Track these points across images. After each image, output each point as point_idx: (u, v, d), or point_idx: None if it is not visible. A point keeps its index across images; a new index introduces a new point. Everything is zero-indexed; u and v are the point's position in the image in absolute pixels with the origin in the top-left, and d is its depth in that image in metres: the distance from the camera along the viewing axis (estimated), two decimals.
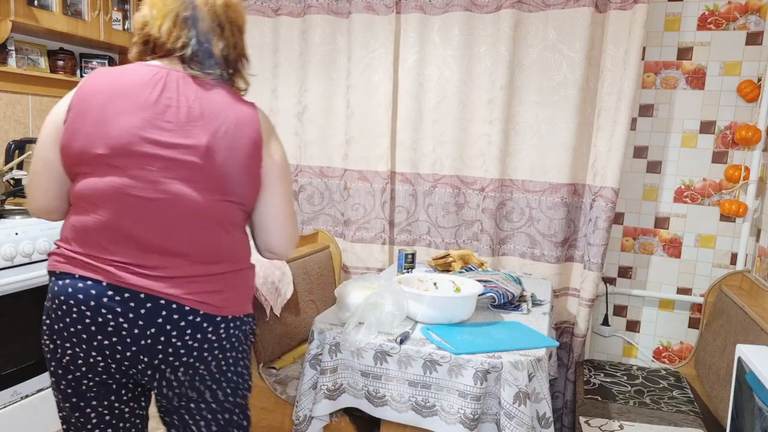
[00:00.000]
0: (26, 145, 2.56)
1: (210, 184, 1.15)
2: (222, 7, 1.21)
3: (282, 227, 1.25)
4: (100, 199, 1.13)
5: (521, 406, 1.41)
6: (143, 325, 1.13)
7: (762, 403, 1.24)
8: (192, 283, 1.15)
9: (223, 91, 1.20)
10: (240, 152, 1.17)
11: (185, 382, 1.19)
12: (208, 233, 1.16)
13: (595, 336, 2.66)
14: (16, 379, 2.00)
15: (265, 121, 1.25)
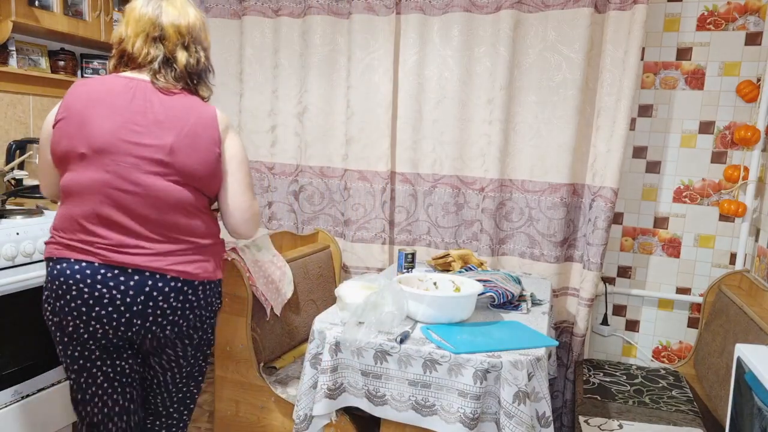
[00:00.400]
0: (27, 145, 2.56)
1: (175, 176, 1.39)
2: (186, 28, 1.44)
3: (241, 210, 1.49)
4: (84, 191, 1.37)
5: (521, 405, 1.41)
6: (134, 295, 1.38)
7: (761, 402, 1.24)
8: (170, 256, 1.41)
9: (186, 98, 1.44)
10: (201, 148, 1.41)
11: (170, 336, 1.47)
12: (177, 216, 1.41)
13: (594, 335, 2.66)
14: (16, 379, 2.00)
15: (223, 121, 1.48)
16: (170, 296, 1.41)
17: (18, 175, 2.38)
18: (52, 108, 2.75)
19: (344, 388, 1.58)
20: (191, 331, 1.50)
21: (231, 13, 2.83)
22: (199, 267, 1.45)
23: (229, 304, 1.97)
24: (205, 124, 1.41)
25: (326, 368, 1.57)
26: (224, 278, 1.96)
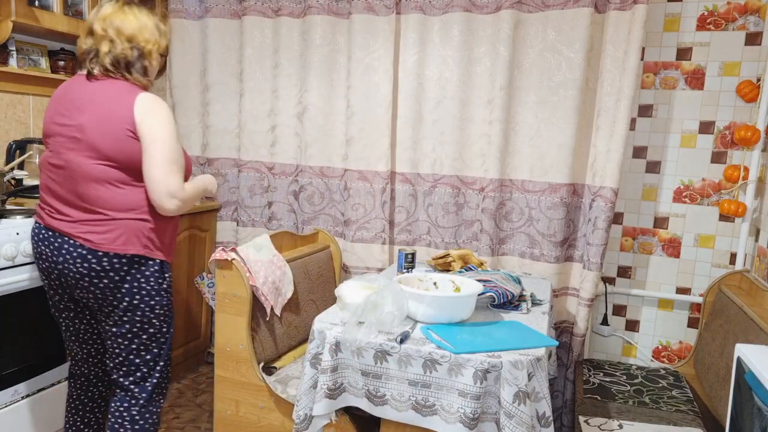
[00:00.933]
0: (27, 145, 2.56)
1: (87, 151, 1.58)
2: (108, 22, 1.63)
3: (155, 183, 1.57)
4: (42, 167, 1.68)
5: (521, 405, 1.41)
6: (57, 255, 1.62)
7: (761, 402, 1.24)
8: (82, 225, 1.61)
9: (111, 84, 1.61)
10: (111, 127, 1.57)
11: (90, 300, 1.65)
12: (90, 188, 1.59)
13: (594, 335, 2.66)
14: (16, 379, 2.00)
15: (144, 104, 1.59)
16: (77, 261, 1.60)
17: (18, 175, 2.38)
18: None
19: (344, 388, 1.58)
20: (108, 300, 1.64)
21: (231, 13, 2.83)
22: (103, 238, 1.60)
23: (229, 304, 1.97)
24: (120, 106, 1.57)
25: (326, 368, 1.57)
26: (224, 278, 1.96)
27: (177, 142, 1.62)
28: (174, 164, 1.59)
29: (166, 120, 1.60)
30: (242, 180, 2.89)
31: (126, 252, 1.61)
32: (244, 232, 2.91)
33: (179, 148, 1.63)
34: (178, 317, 2.78)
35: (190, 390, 2.75)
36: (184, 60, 2.93)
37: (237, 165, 2.94)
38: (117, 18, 1.63)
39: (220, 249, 1.97)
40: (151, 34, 1.67)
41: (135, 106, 1.58)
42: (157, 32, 1.69)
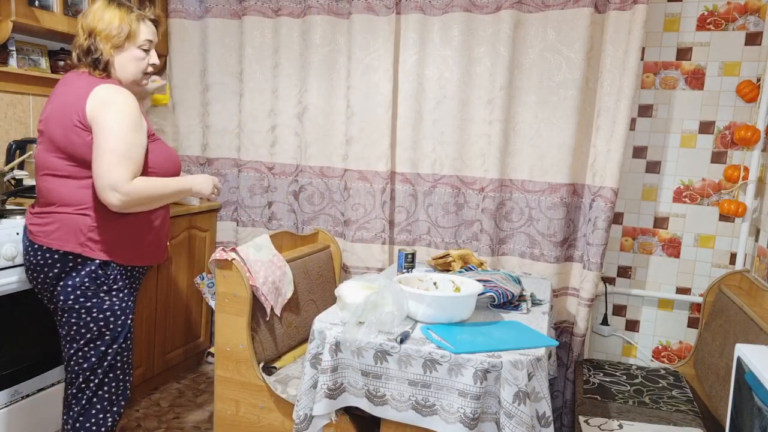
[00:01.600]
0: (27, 145, 2.56)
1: (46, 143, 1.61)
2: (81, 19, 1.66)
3: (96, 177, 1.55)
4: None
5: (521, 405, 1.41)
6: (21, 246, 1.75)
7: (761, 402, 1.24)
8: (33, 216, 1.66)
9: (76, 77, 1.64)
10: (65, 119, 1.57)
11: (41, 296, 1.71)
12: (45, 180, 1.62)
13: (594, 335, 2.66)
14: (16, 379, 2.00)
15: (97, 96, 1.58)
16: (24, 252, 1.68)
17: (18, 175, 2.38)
18: None
19: (344, 388, 1.58)
20: (47, 298, 1.68)
21: (231, 13, 2.83)
22: (40, 230, 1.62)
23: (229, 304, 1.97)
24: (76, 98, 1.57)
25: (326, 368, 1.57)
26: (224, 278, 1.96)
27: (131, 133, 1.56)
28: (121, 156, 1.54)
29: (121, 111, 1.56)
30: (242, 180, 2.89)
31: (59, 248, 1.60)
32: (244, 232, 2.91)
33: (132, 140, 1.56)
34: (178, 317, 2.78)
35: (190, 390, 2.75)
36: (184, 60, 2.93)
37: (237, 165, 2.94)
38: (90, 13, 1.66)
39: (220, 249, 1.97)
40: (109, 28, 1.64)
41: (88, 98, 1.57)
42: (119, 27, 1.64)
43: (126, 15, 1.67)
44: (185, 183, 1.73)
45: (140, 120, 1.62)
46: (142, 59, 1.71)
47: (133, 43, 1.68)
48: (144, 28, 1.70)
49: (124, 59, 1.68)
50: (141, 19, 1.70)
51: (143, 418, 2.49)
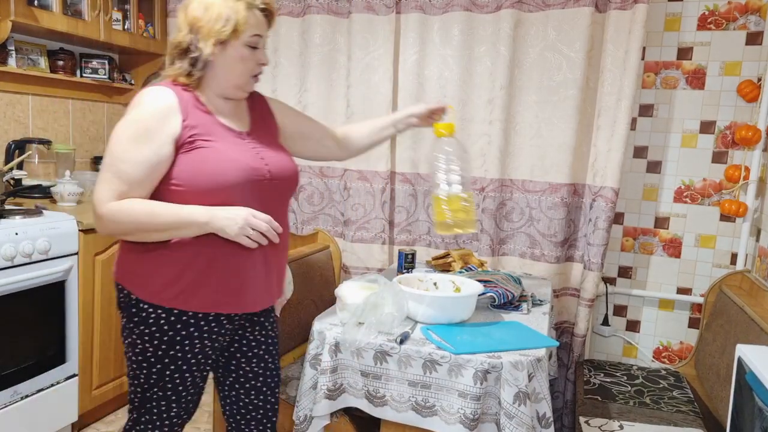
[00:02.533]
0: (26, 145, 2.56)
1: None
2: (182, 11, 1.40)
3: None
4: None
5: (521, 406, 1.41)
6: None
7: (762, 403, 1.24)
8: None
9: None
10: None
11: None
12: None
13: (595, 336, 2.66)
14: (16, 379, 2.00)
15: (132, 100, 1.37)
16: None
17: (17, 175, 2.38)
18: (51, 107, 2.77)
19: (344, 388, 1.57)
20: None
21: None
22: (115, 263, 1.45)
23: None
24: None
25: (326, 369, 1.57)
26: None
27: (127, 145, 1.29)
28: (106, 172, 1.30)
29: (129, 118, 1.33)
30: None
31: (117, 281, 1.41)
32: None
33: (124, 155, 1.29)
34: None
35: None
36: None
37: None
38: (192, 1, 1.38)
39: None
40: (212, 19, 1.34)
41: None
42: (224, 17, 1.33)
43: (233, 2, 1.34)
44: (195, 215, 1.30)
45: (150, 128, 1.31)
46: (249, 59, 1.38)
47: (238, 38, 1.35)
48: (252, 18, 1.36)
49: (227, 59, 1.36)
50: (250, 8, 1.35)
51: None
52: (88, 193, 2.67)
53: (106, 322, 2.38)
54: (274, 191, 1.43)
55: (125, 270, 1.40)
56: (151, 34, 2.94)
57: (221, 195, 1.32)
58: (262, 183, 1.39)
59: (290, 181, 1.49)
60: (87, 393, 2.32)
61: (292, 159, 1.53)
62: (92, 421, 2.45)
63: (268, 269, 1.44)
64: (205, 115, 1.39)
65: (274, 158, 1.45)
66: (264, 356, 1.56)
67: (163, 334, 1.37)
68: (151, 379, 1.41)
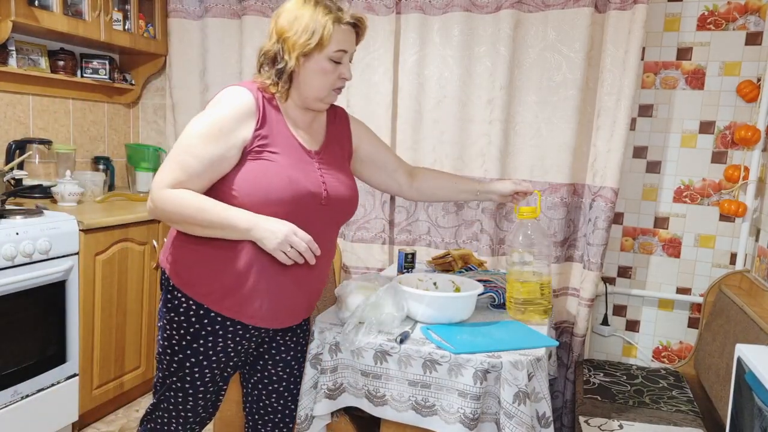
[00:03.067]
0: (26, 145, 2.56)
1: None
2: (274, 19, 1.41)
3: None
4: None
5: (521, 405, 1.41)
6: None
7: (761, 402, 1.24)
8: None
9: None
10: None
11: None
12: None
13: (594, 336, 2.66)
14: (16, 379, 2.00)
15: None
16: None
17: (18, 175, 2.38)
18: (51, 107, 2.77)
19: (344, 388, 1.58)
20: None
21: (231, 13, 2.82)
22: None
23: None
24: None
25: (326, 368, 1.57)
26: None
27: (197, 139, 1.32)
28: (172, 160, 1.33)
29: (206, 113, 1.35)
30: None
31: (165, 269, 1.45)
32: None
33: (191, 147, 1.32)
34: None
35: None
36: (184, 60, 2.93)
37: None
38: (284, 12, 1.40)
39: None
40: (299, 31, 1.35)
41: None
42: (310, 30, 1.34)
43: (321, 15, 1.33)
44: (239, 220, 1.30)
45: (223, 128, 1.32)
46: (331, 72, 1.38)
47: (322, 52, 1.35)
48: (338, 33, 1.35)
49: (308, 71, 1.36)
50: (338, 22, 1.35)
51: None
52: (89, 193, 2.67)
53: (107, 321, 2.38)
54: (326, 214, 1.43)
55: (170, 255, 1.43)
56: (151, 34, 2.95)
57: (270, 209, 1.33)
58: (316, 206, 1.40)
59: (346, 207, 1.49)
60: (87, 393, 2.32)
61: (354, 185, 1.52)
62: (92, 421, 2.45)
63: (299, 289, 1.44)
64: (280, 126, 1.39)
65: (336, 182, 1.45)
66: (291, 362, 1.59)
67: (190, 325, 1.40)
68: (172, 366, 1.44)
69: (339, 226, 1.53)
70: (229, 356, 1.46)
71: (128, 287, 2.47)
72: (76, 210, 2.36)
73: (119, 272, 2.41)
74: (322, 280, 1.52)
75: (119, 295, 2.43)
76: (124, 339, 2.48)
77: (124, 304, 2.46)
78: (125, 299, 2.46)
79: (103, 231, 2.31)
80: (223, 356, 1.45)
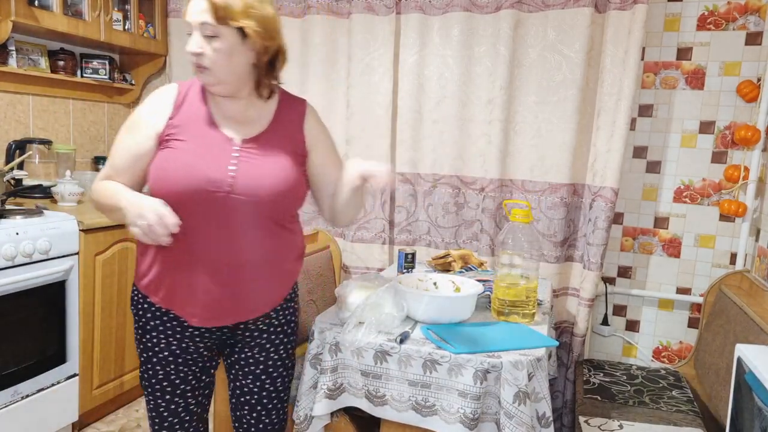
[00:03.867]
0: (26, 145, 2.56)
1: None
2: None
3: None
4: None
5: (521, 405, 1.41)
6: None
7: (761, 402, 1.24)
8: None
9: None
10: None
11: None
12: None
13: (594, 336, 2.66)
14: (16, 379, 2.00)
15: None
16: None
17: (18, 175, 2.38)
18: (51, 107, 2.77)
19: (344, 388, 1.58)
20: None
21: None
22: None
23: None
24: None
25: (326, 368, 1.57)
26: None
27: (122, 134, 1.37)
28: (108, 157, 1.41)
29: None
30: None
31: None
32: None
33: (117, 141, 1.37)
34: None
35: None
36: (184, 60, 2.93)
37: None
38: None
39: None
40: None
41: None
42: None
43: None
44: (120, 200, 1.26)
45: (139, 121, 1.34)
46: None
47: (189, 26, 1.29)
48: (192, 6, 1.27)
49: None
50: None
51: (143, 418, 2.49)
52: (89, 193, 2.67)
53: (107, 321, 2.38)
54: (240, 205, 1.30)
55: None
56: (151, 34, 2.95)
57: (172, 196, 1.26)
58: (216, 196, 1.29)
59: (271, 198, 1.33)
60: (87, 393, 2.32)
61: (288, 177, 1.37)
62: (92, 421, 2.45)
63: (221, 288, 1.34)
64: (200, 114, 1.35)
65: (256, 171, 1.32)
66: (260, 375, 1.48)
67: (139, 318, 1.43)
68: (142, 366, 1.46)
69: (273, 221, 1.37)
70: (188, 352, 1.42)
71: (128, 287, 2.47)
72: (76, 210, 2.37)
73: (119, 272, 2.41)
74: (255, 280, 1.37)
75: (119, 295, 2.43)
76: (124, 339, 2.48)
77: (124, 303, 2.46)
78: (125, 299, 2.46)
79: (103, 231, 2.31)
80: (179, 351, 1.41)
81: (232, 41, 1.26)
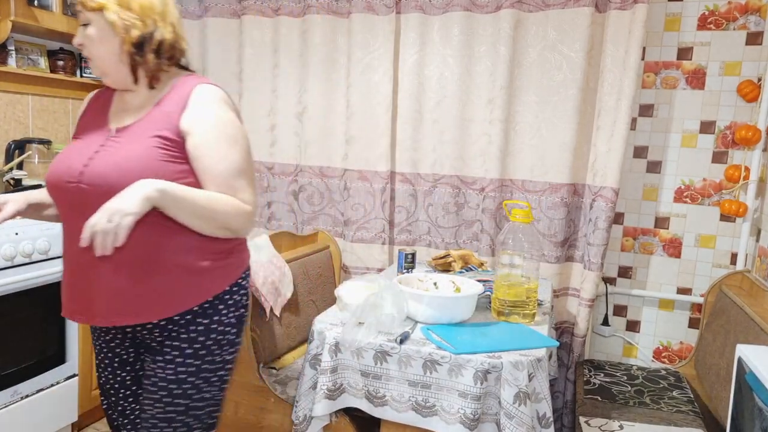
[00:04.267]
0: (26, 145, 2.56)
1: None
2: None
3: None
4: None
5: (521, 406, 1.41)
6: None
7: (762, 403, 1.24)
8: None
9: None
10: None
11: None
12: None
13: (595, 336, 2.66)
14: (16, 379, 2.00)
15: None
16: None
17: (17, 175, 2.38)
18: (51, 107, 2.77)
19: (344, 388, 1.57)
20: None
21: (230, 13, 2.82)
22: None
23: None
24: None
25: (326, 369, 1.57)
26: None
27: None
28: None
29: None
30: None
31: None
32: None
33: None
34: None
35: None
36: None
37: None
38: None
39: None
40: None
41: None
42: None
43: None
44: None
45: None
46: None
47: None
48: None
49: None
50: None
51: None
52: None
53: None
54: (86, 198, 1.21)
55: None
56: None
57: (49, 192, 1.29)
58: (68, 186, 1.22)
59: (107, 190, 1.18)
60: (87, 393, 2.32)
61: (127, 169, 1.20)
62: (92, 421, 2.45)
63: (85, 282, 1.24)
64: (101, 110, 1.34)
65: (110, 159, 1.22)
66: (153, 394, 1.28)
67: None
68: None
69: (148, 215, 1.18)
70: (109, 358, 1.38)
71: None
72: None
73: None
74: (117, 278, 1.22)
75: None
76: None
77: None
78: None
79: None
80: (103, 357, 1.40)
81: (101, 27, 1.22)
